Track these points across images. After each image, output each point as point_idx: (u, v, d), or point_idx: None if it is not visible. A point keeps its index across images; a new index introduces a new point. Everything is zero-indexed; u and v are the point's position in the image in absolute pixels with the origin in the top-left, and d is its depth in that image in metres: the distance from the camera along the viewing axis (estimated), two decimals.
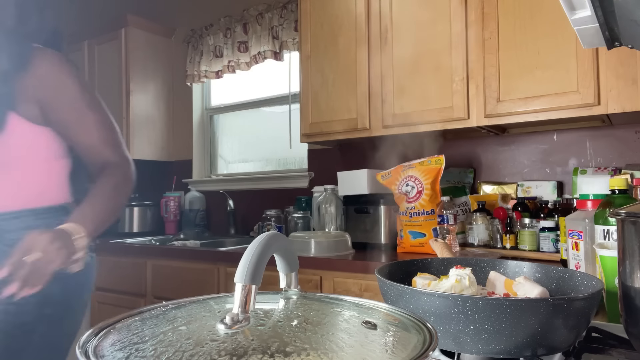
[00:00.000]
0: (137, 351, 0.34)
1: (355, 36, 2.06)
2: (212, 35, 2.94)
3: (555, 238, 1.60)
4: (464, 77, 1.79)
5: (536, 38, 1.65)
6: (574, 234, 1.06)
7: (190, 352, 0.33)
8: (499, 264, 0.86)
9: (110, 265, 2.49)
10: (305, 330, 0.38)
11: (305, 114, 2.21)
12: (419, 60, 1.90)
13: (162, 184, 3.19)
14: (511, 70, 1.70)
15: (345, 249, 1.87)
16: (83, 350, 0.35)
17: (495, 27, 1.73)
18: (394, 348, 0.37)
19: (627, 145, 1.81)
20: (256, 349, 0.33)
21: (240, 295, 0.37)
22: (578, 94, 1.57)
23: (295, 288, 0.48)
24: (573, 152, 1.91)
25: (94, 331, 0.39)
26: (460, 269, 0.73)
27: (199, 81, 3.03)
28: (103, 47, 3.13)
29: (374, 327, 0.40)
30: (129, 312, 0.43)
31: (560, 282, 0.78)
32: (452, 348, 0.63)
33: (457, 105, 1.80)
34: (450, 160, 2.03)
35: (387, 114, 1.97)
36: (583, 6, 0.77)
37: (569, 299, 0.60)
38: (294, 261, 0.49)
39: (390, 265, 0.82)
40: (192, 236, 2.67)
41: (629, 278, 0.62)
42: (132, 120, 2.99)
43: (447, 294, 0.62)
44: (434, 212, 1.74)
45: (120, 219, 2.98)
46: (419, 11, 1.90)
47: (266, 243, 0.41)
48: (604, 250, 0.86)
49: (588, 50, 1.54)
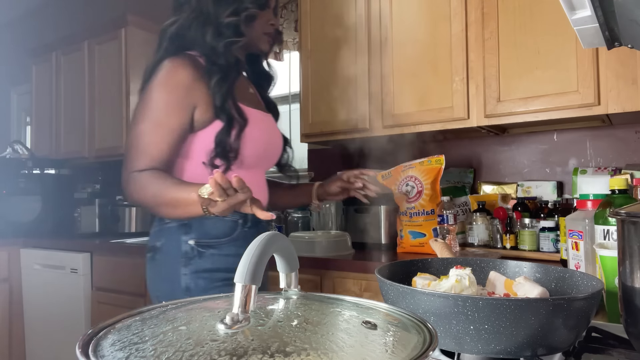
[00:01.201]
0: (137, 351, 0.34)
1: (355, 36, 2.06)
2: None
3: (555, 238, 1.60)
4: (464, 77, 1.79)
5: (536, 38, 1.65)
6: (574, 234, 1.06)
7: (190, 352, 0.33)
8: (499, 264, 0.86)
9: (110, 265, 2.49)
10: (305, 330, 0.38)
11: (305, 114, 2.21)
12: (419, 60, 1.90)
13: None
14: (511, 70, 1.70)
15: (345, 249, 1.87)
16: (83, 350, 0.35)
17: (495, 27, 1.73)
18: (394, 348, 0.37)
19: (627, 145, 1.81)
20: (256, 349, 0.33)
21: (240, 295, 0.37)
22: (578, 94, 1.57)
23: (295, 288, 0.48)
24: (573, 152, 1.91)
25: (94, 331, 0.39)
26: (460, 269, 0.73)
27: None
28: (103, 47, 3.13)
29: (374, 327, 0.40)
30: (129, 312, 0.43)
31: (560, 282, 0.78)
32: (452, 348, 0.63)
33: (457, 105, 1.80)
34: (450, 160, 2.03)
35: (387, 114, 1.97)
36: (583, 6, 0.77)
37: (569, 299, 0.60)
38: (294, 261, 0.49)
39: (390, 265, 0.82)
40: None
41: (629, 278, 0.62)
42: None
43: (447, 294, 0.62)
44: (434, 212, 1.74)
45: (120, 219, 2.98)
46: (419, 11, 1.90)
47: (266, 243, 0.41)
48: (604, 250, 0.86)
49: (588, 50, 1.54)
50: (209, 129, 1.12)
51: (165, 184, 1.04)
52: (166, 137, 1.08)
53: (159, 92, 1.09)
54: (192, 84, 1.10)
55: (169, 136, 1.08)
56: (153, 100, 1.09)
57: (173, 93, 1.09)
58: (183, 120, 1.10)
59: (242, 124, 1.12)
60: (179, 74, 1.09)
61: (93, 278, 2.57)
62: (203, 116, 1.12)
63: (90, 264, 2.58)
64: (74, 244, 2.68)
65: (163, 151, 1.08)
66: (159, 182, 1.05)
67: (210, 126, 1.12)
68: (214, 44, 1.13)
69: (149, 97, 1.10)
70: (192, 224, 1.14)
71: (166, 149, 1.09)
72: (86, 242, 2.68)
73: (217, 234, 1.15)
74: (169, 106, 1.08)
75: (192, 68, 1.11)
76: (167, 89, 1.09)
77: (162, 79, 1.09)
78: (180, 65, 1.10)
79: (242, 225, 1.18)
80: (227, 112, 1.11)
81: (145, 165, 1.07)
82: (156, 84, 1.10)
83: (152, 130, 1.08)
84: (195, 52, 1.16)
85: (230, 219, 1.16)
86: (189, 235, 1.14)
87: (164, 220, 1.17)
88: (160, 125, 1.08)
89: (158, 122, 1.08)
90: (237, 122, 1.12)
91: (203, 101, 1.11)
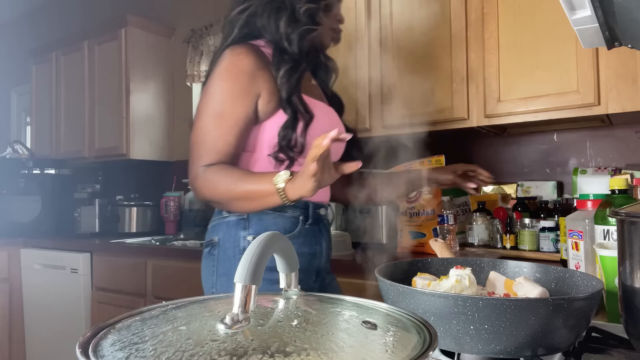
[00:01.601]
0: (137, 351, 0.34)
1: (355, 36, 2.06)
2: (212, 35, 2.94)
3: (555, 238, 1.60)
4: (464, 77, 1.79)
5: (536, 38, 1.65)
6: (574, 234, 1.06)
7: (190, 352, 0.33)
8: (499, 264, 0.86)
9: (110, 265, 2.50)
10: (305, 330, 0.38)
11: None
12: (419, 60, 1.90)
13: (162, 184, 3.19)
14: (511, 70, 1.70)
15: (345, 249, 1.87)
16: (83, 350, 0.35)
17: (495, 27, 1.73)
18: (394, 348, 0.37)
19: (627, 145, 1.81)
20: (256, 349, 0.33)
21: (240, 295, 0.38)
22: (578, 94, 1.57)
23: (295, 288, 0.48)
24: (573, 152, 1.91)
25: (94, 331, 0.39)
26: (460, 269, 0.73)
27: (199, 81, 3.03)
28: (103, 47, 3.13)
29: (374, 327, 0.40)
30: (129, 312, 0.43)
31: (560, 282, 0.78)
32: (452, 348, 0.63)
33: (457, 105, 1.80)
34: (450, 160, 2.03)
35: (387, 114, 1.97)
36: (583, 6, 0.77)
37: (569, 299, 0.60)
38: (294, 261, 0.49)
39: (390, 265, 0.82)
40: (192, 236, 2.67)
41: (629, 278, 0.62)
42: (132, 120, 2.98)
43: (447, 294, 0.62)
44: (434, 212, 1.74)
45: (120, 219, 2.99)
46: (419, 11, 1.90)
47: (266, 243, 0.41)
48: (604, 250, 0.86)
49: (588, 50, 1.54)
50: (273, 120, 1.08)
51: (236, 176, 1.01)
52: (233, 128, 1.04)
53: (222, 82, 1.05)
54: (255, 72, 1.06)
55: (235, 127, 1.04)
56: (216, 91, 1.05)
57: (237, 81, 1.04)
58: (248, 109, 1.05)
59: (307, 119, 1.07)
60: (242, 60, 1.05)
61: (93, 278, 2.57)
62: (267, 106, 1.07)
63: (90, 264, 2.58)
64: (74, 244, 2.68)
65: (230, 144, 1.04)
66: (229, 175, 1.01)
67: (273, 117, 1.08)
68: (288, 31, 1.08)
69: (212, 90, 1.06)
70: (251, 219, 1.10)
71: (233, 142, 1.04)
72: (86, 242, 2.68)
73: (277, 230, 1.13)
74: (233, 95, 1.04)
75: (254, 56, 1.06)
76: (231, 78, 1.05)
77: (224, 68, 1.05)
78: (242, 53, 1.06)
79: (303, 222, 1.13)
80: (293, 105, 1.07)
81: (213, 159, 1.03)
82: (217, 74, 1.06)
83: (217, 123, 1.04)
84: (260, 41, 1.12)
85: (290, 215, 1.12)
86: (247, 230, 1.10)
87: (223, 215, 1.14)
88: (225, 116, 1.04)
89: (223, 114, 1.04)
90: (302, 117, 1.07)
91: (267, 90, 1.07)
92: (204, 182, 1.02)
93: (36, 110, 3.58)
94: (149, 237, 2.81)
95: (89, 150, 3.18)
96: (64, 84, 3.36)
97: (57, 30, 3.84)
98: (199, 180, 1.03)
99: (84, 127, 3.21)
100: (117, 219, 2.98)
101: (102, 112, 3.13)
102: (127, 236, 2.87)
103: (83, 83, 3.22)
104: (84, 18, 3.74)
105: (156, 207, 3.07)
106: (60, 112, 3.38)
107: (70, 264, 2.60)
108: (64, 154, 3.34)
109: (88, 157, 3.20)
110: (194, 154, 1.05)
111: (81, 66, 3.24)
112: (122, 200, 3.07)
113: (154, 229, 3.05)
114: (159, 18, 3.28)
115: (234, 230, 1.11)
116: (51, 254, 2.72)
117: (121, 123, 2.98)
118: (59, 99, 3.39)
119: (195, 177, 1.04)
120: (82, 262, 2.57)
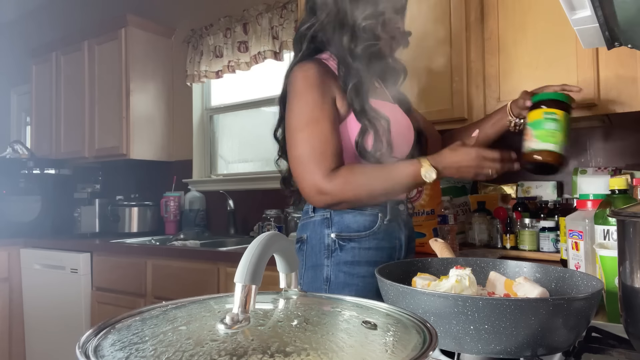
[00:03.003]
0: (137, 351, 0.34)
1: None
2: (212, 35, 2.94)
3: (555, 238, 1.60)
4: (464, 77, 1.79)
5: (536, 38, 1.65)
6: (574, 234, 1.06)
7: (190, 352, 0.33)
8: (499, 264, 0.86)
9: (110, 265, 2.50)
10: (305, 330, 0.38)
11: None
12: (419, 60, 1.90)
13: (162, 184, 3.19)
14: (511, 70, 1.70)
15: None
16: (83, 350, 0.35)
17: (495, 27, 1.73)
18: (394, 348, 0.37)
19: (627, 145, 1.81)
20: (256, 349, 0.33)
21: (240, 295, 0.37)
22: (578, 94, 1.57)
23: (295, 288, 0.48)
24: (573, 152, 1.91)
25: (94, 331, 0.39)
26: (460, 269, 0.73)
27: (199, 81, 3.03)
28: (103, 47, 3.13)
29: (374, 327, 0.40)
30: (129, 312, 0.43)
31: (560, 282, 0.78)
32: (452, 348, 0.63)
33: (457, 105, 1.80)
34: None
35: None
36: (583, 6, 0.77)
37: (569, 299, 0.60)
38: (294, 261, 0.49)
39: (390, 265, 0.82)
40: (192, 236, 2.67)
41: (629, 278, 0.62)
42: (132, 120, 2.99)
43: (447, 294, 0.62)
44: (434, 212, 1.74)
45: (120, 219, 2.99)
46: (418, 11, 1.90)
47: (266, 243, 0.41)
48: (604, 250, 0.86)
49: (588, 50, 1.54)
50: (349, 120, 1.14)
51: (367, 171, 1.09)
52: (331, 129, 1.10)
53: (302, 95, 1.11)
54: (324, 79, 1.12)
55: (333, 127, 1.10)
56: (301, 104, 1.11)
57: (314, 89, 1.11)
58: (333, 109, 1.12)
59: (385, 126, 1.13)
60: (310, 71, 1.12)
61: (93, 278, 2.57)
62: (342, 108, 1.14)
63: (90, 264, 2.59)
64: (74, 244, 2.68)
65: (337, 144, 1.10)
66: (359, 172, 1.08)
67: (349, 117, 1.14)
68: (351, 47, 1.14)
69: (296, 104, 1.12)
70: (333, 218, 1.16)
71: (337, 141, 1.10)
72: (86, 242, 2.68)
73: (358, 227, 1.16)
74: (317, 101, 1.10)
75: (321, 67, 1.14)
76: (308, 89, 1.11)
77: (299, 84, 1.12)
78: (309, 66, 1.13)
79: (382, 219, 1.18)
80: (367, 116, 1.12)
81: (333, 163, 1.08)
82: (295, 90, 1.12)
83: (316, 129, 1.08)
84: (324, 54, 1.19)
85: (370, 213, 1.17)
86: (330, 228, 1.16)
87: (309, 214, 1.21)
88: (320, 121, 1.09)
89: (318, 120, 1.09)
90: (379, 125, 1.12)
91: (338, 94, 1.14)
92: (341, 186, 1.07)
93: (36, 110, 3.58)
94: (149, 237, 2.81)
95: (89, 150, 3.18)
96: (64, 84, 3.36)
97: (57, 30, 3.84)
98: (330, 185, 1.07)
99: (83, 127, 3.21)
100: (117, 219, 2.98)
101: (102, 112, 3.13)
102: (127, 236, 2.87)
103: (83, 83, 3.23)
104: (84, 18, 3.75)
105: (156, 207, 3.07)
106: (60, 112, 3.38)
107: (70, 264, 2.60)
108: (64, 154, 3.34)
109: (88, 157, 3.20)
110: (307, 167, 1.08)
111: (81, 66, 3.24)
112: (122, 200, 3.07)
113: (154, 229, 3.06)
114: (159, 18, 3.28)
115: (319, 228, 1.18)
116: (51, 254, 2.72)
117: (121, 123, 2.98)
118: (59, 99, 3.39)
119: (320, 186, 1.07)
120: (82, 262, 2.57)
